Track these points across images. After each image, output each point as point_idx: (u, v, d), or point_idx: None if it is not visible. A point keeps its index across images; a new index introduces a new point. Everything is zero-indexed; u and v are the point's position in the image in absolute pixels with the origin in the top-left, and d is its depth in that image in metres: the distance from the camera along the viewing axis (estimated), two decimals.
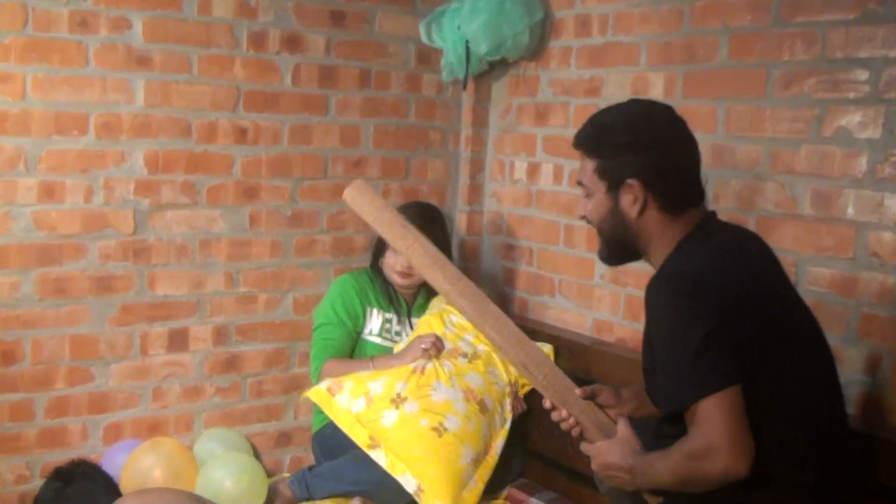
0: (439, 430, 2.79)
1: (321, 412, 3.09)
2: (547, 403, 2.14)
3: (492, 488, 3.00)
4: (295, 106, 3.42)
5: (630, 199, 1.94)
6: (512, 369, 3.05)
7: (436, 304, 3.28)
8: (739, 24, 2.73)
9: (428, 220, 3.22)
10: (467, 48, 3.40)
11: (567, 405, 2.11)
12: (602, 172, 1.98)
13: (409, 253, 2.28)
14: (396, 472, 2.76)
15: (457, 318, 3.15)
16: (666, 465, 1.81)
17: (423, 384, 2.89)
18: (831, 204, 2.50)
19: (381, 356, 3.16)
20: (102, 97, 3.06)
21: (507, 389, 3.05)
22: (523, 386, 3.11)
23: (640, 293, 3.02)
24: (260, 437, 3.52)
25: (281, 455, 3.57)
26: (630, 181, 1.93)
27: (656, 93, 2.99)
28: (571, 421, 2.12)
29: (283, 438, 3.57)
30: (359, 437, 2.82)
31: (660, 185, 1.91)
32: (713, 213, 2.03)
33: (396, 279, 3.25)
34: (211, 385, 3.40)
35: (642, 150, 1.92)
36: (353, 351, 3.25)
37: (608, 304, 3.22)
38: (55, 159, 3.01)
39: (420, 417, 2.80)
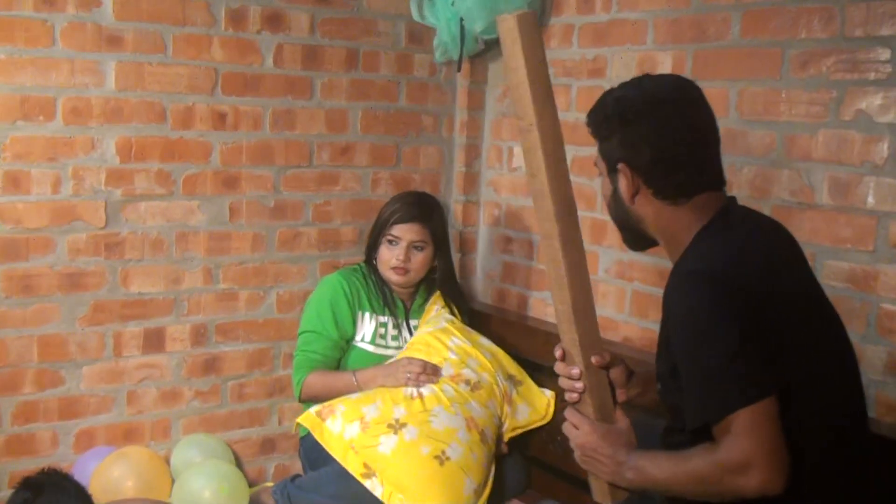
0: (441, 459, 2.76)
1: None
2: (558, 353, 2.09)
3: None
4: (277, 89, 3.41)
5: (624, 184, 1.94)
6: (506, 408, 3.07)
7: (433, 313, 3.24)
8: (753, 0, 2.73)
9: (427, 209, 3.22)
10: (462, 26, 3.40)
11: (588, 371, 2.05)
12: (601, 154, 1.99)
13: (539, 127, 1.95)
14: (393, 502, 2.73)
15: (459, 341, 3.10)
16: (683, 470, 1.80)
17: (424, 409, 2.86)
18: (850, 192, 2.50)
19: (364, 369, 3.08)
20: (70, 80, 3.05)
21: (501, 425, 3.06)
22: (513, 429, 3.11)
23: (648, 288, 3.06)
24: (242, 443, 3.52)
25: (265, 463, 3.58)
26: (620, 165, 1.93)
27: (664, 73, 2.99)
28: (578, 385, 2.06)
29: (267, 445, 3.58)
30: (352, 466, 2.78)
31: (648, 169, 1.89)
32: (733, 200, 2.00)
33: (391, 276, 3.19)
34: (189, 388, 3.40)
35: (627, 131, 1.90)
36: (339, 360, 3.20)
37: (613, 301, 3.23)
38: (20, 147, 3.00)
39: (421, 444, 2.77)
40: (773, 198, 2.68)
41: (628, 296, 3.17)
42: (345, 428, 2.82)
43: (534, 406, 3.13)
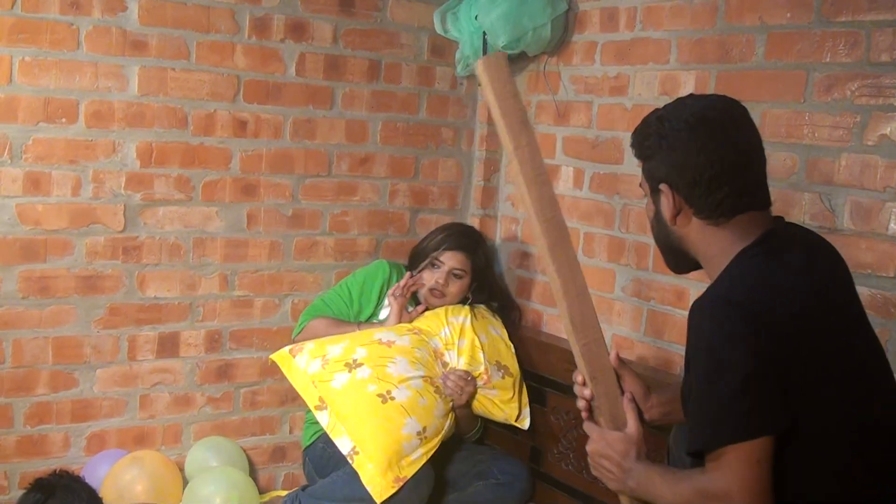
0: (384, 398, 2.91)
1: (313, 424, 3.11)
2: (578, 378, 2.11)
3: None
4: (298, 98, 3.42)
5: (665, 204, 1.92)
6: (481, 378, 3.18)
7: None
8: (778, 22, 2.72)
9: (473, 242, 3.35)
10: (484, 40, 3.40)
11: (594, 382, 2.08)
12: (645, 175, 1.99)
13: (517, 154, 2.08)
14: (335, 433, 2.88)
15: (463, 319, 3.26)
16: (672, 490, 1.84)
17: (384, 355, 3.00)
18: (872, 218, 2.49)
19: (370, 323, 3.27)
20: (94, 83, 3.07)
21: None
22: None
23: (664, 308, 3.05)
24: (253, 451, 3.52)
25: (275, 471, 3.58)
26: (662, 185, 1.92)
27: (686, 93, 2.96)
28: (586, 393, 2.10)
29: (278, 453, 3.58)
30: (309, 398, 2.96)
31: (688, 189, 1.88)
32: (779, 220, 1.97)
33: (428, 296, 3.30)
34: (202, 394, 3.41)
35: (668, 150, 1.89)
36: None
37: (629, 320, 3.22)
38: (42, 149, 3.02)
39: (369, 383, 2.93)
40: (794, 220, 2.66)
41: (644, 315, 3.16)
42: (308, 364, 3.01)
43: (502, 400, 3.21)
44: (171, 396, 3.35)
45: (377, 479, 2.81)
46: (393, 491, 2.81)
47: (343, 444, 2.86)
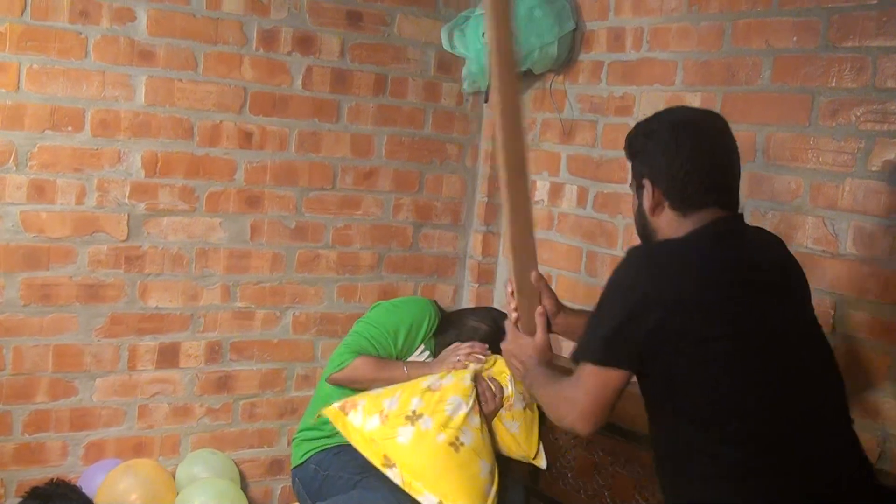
0: (456, 446, 2.84)
1: (306, 441, 3.09)
2: (509, 289, 2.36)
3: None
4: (305, 111, 3.44)
5: (647, 198, 2.10)
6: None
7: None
8: (784, 46, 2.73)
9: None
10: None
11: (520, 294, 2.33)
12: (632, 172, 2.18)
13: (501, 91, 2.17)
14: (414, 491, 2.80)
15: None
16: (547, 389, 2.14)
17: (440, 400, 2.93)
18: (875, 244, 2.49)
19: (416, 361, 3.16)
20: (101, 92, 3.08)
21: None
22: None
23: None
24: (250, 463, 3.52)
25: (271, 484, 3.58)
26: (644, 180, 2.10)
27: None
28: (513, 304, 2.36)
29: (275, 467, 3.58)
30: (373, 457, 2.86)
31: (666, 184, 2.06)
32: (735, 216, 2.09)
33: (449, 356, 3.16)
34: (201, 405, 3.41)
35: (651, 149, 2.09)
36: None
37: None
38: (47, 156, 3.03)
39: (436, 433, 2.85)
40: (797, 245, 2.67)
41: None
42: (365, 421, 2.89)
43: (522, 437, 3.16)
44: (170, 407, 3.35)
45: None
46: None
47: (427, 501, 2.79)
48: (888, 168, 2.47)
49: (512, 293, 2.35)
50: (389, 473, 2.83)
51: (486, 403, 3.03)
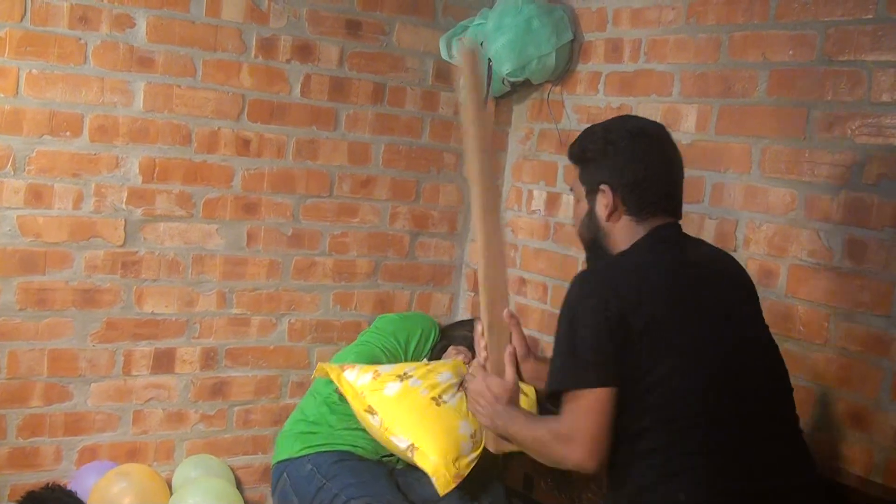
0: (438, 401, 3.01)
1: (302, 434, 3.10)
2: (479, 328, 2.32)
3: None
4: (303, 118, 3.45)
5: (602, 203, 2.13)
6: None
7: None
8: (781, 59, 2.75)
9: None
10: (489, 67, 3.43)
11: (490, 332, 2.28)
12: (583, 178, 2.20)
13: (474, 125, 2.27)
14: (390, 431, 2.93)
15: None
16: (529, 431, 2.08)
17: (432, 370, 3.12)
18: (869, 257, 2.50)
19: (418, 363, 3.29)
20: (99, 98, 3.09)
21: None
22: None
23: None
24: (245, 470, 3.52)
25: (266, 490, 3.57)
26: (603, 186, 2.13)
27: (688, 126, 3.01)
28: (483, 343, 2.30)
29: (269, 473, 3.55)
30: (357, 405, 3.00)
31: (629, 189, 2.10)
32: (675, 225, 2.15)
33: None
34: (195, 411, 3.41)
35: (612, 156, 2.12)
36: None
37: None
38: (45, 161, 3.04)
39: (421, 389, 3.02)
40: (791, 257, 2.68)
41: None
42: (359, 377, 3.06)
43: None
44: (165, 412, 3.35)
45: (441, 469, 2.87)
46: (454, 485, 2.87)
47: (399, 442, 2.92)
48: (882, 181, 2.48)
49: (482, 332, 2.31)
50: (370, 419, 2.97)
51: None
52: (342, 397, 3.08)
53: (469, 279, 3.85)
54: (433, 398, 3.01)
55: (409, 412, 2.97)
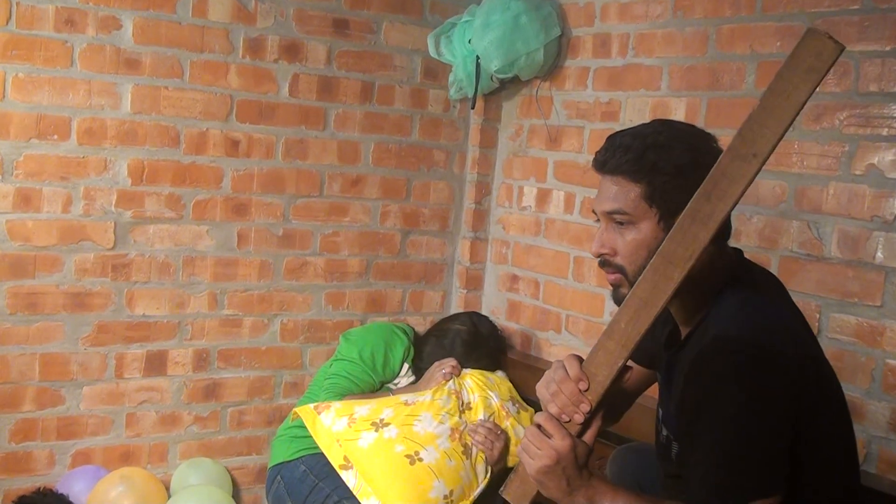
0: (412, 459, 2.87)
1: (294, 439, 3.10)
2: (573, 371, 1.84)
3: None
4: (291, 118, 3.44)
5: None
6: (508, 423, 3.15)
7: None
8: (768, 51, 2.75)
9: (492, 361, 3.36)
10: (478, 64, 3.43)
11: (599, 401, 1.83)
12: (652, 198, 1.80)
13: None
14: (363, 495, 2.83)
15: (470, 382, 3.22)
16: None
17: (410, 413, 2.97)
18: (859, 247, 2.51)
19: (402, 388, 3.25)
20: (87, 101, 3.08)
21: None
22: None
23: None
24: (239, 471, 3.52)
25: (260, 492, 3.57)
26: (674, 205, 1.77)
27: (677, 119, 3.01)
28: (584, 406, 1.82)
29: (264, 474, 3.55)
30: (334, 457, 2.91)
31: None
32: (738, 251, 1.96)
33: (436, 371, 3.22)
34: (189, 413, 3.40)
35: (702, 171, 1.71)
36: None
37: None
38: (33, 165, 3.03)
39: (396, 443, 2.89)
40: (782, 249, 2.68)
41: None
42: (334, 422, 2.95)
43: None
44: (158, 415, 3.35)
45: None
46: None
47: None
48: (871, 171, 2.48)
49: (583, 381, 1.81)
50: (346, 475, 2.87)
51: (491, 450, 3.01)
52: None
53: (461, 276, 3.85)
54: (408, 456, 2.87)
55: (381, 471, 2.84)
